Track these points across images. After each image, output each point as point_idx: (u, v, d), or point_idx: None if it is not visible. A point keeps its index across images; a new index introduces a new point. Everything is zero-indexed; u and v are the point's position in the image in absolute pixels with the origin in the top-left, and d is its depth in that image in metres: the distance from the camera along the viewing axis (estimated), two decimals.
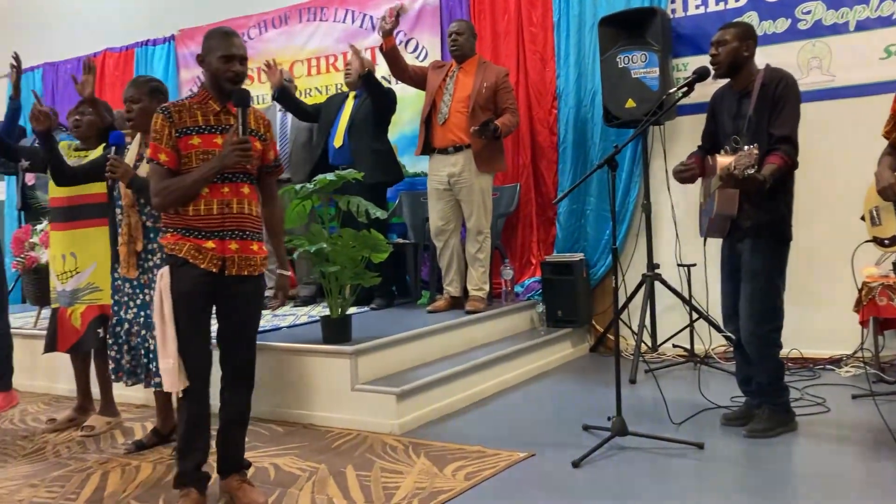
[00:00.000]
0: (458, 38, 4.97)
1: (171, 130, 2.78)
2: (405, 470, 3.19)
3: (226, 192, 2.80)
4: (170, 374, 2.78)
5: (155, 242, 3.44)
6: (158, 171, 2.80)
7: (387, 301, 5.36)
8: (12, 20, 8.90)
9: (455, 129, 4.88)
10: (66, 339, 3.95)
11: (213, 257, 2.78)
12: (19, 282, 7.46)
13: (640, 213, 5.22)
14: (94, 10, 8.17)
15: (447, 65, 5.12)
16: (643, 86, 4.93)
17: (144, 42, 7.63)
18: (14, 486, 3.24)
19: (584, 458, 3.18)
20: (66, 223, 3.99)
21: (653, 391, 4.10)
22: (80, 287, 3.94)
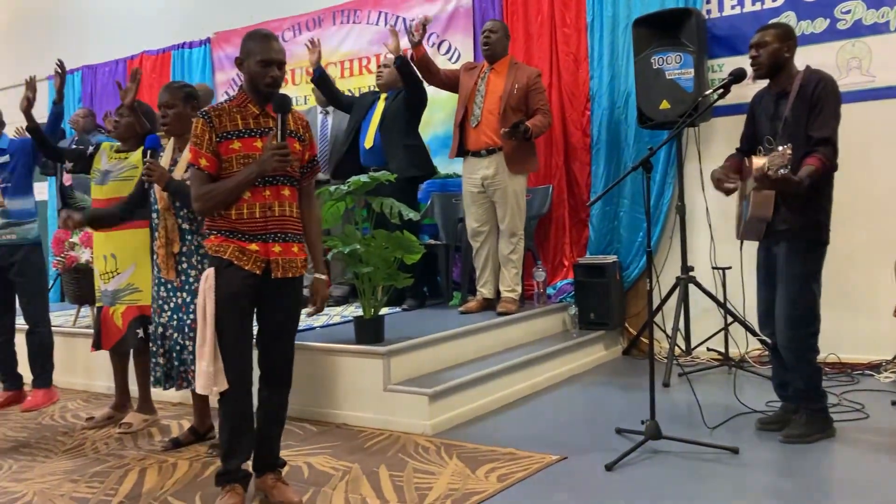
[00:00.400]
0: (491, 37, 4.97)
1: (211, 135, 2.80)
2: (438, 471, 3.20)
3: (267, 196, 2.81)
4: (205, 377, 2.79)
5: (192, 245, 3.49)
6: (199, 176, 2.81)
7: (418, 302, 5.38)
8: (52, 24, 9.09)
9: (487, 132, 4.88)
10: (109, 338, 4.03)
11: (256, 259, 2.80)
12: (59, 280, 7.63)
13: (674, 215, 5.18)
14: (132, 13, 8.31)
15: (479, 66, 5.12)
16: (678, 87, 4.89)
17: (181, 45, 7.74)
18: (55, 480, 3.31)
19: (618, 461, 3.17)
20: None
21: (687, 395, 4.07)
22: (121, 288, 4.01)
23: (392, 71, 5.37)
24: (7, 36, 9.61)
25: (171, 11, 8.01)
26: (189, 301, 3.50)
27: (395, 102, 5.28)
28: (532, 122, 4.82)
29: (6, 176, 4.66)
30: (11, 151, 4.69)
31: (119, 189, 4.01)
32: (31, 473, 3.43)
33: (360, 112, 5.45)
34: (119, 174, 4.04)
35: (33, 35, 9.29)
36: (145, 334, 3.99)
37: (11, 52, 9.51)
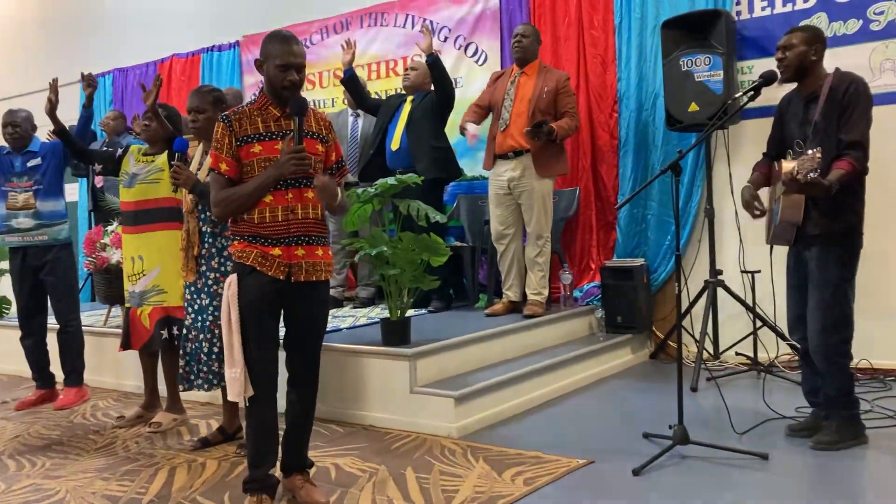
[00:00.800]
0: (523, 41, 4.96)
1: (231, 139, 2.78)
2: (464, 473, 3.20)
3: (290, 199, 2.78)
4: (236, 383, 2.78)
5: (212, 248, 3.52)
6: (219, 181, 2.79)
7: (444, 304, 5.39)
8: (83, 28, 9.23)
9: (515, 135, 4.88)
10: (138, 338, 4.09)
11: (279, 264, 2.77)
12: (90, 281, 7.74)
13: (702, 218, 5.15)
14: (162, 16, 8.41)
15: (507, 71, 5.12)
16: (707, 89, 4.86)
17: (210, 48, 7.82)
18: (87, 478, 3.36)
19: (645, 466, 3.15)
20: (134, 226, 4.12)
21: (715, 400, 4.03)
22: (147, 289, 4.07)
23: (419, 73, 5.38)
24: (39, 39, 9.77)
25: (201, 14, 8.10)
26: (208, 303, 3.53)
27: (421, 105, 5.29)
28: (558, 125, 4.81)
29: (38, 178, 4.74)
30: (43, 154, 4.77)
31: (146, 192, 4.06)
32: (64, 471, 3.48)
33: (387, 114, 5.47)
34: (146, 177, 4.09)
35: (65, 38, 9.43)
36: (170, 335, 4.05)
37: (43, 55, 9.66)
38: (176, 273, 4.05)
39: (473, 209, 5.78)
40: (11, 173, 4.74)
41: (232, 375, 2.79)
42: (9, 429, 4.30)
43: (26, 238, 4.73)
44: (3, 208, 4.74)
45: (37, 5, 9.82)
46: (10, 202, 4.73)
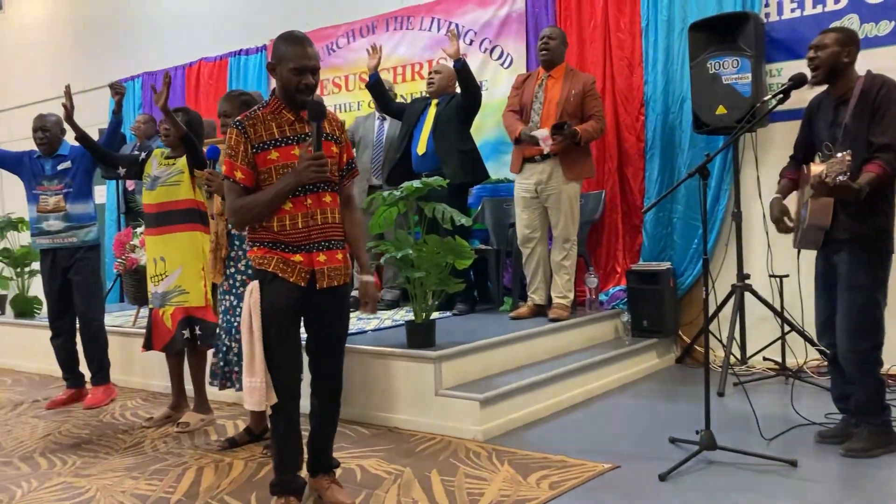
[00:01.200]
0: (550, 43, 4.96)
1: (247, 146, 2.72)
2: (489, 477, 3.20)
3: (309, 204, 2.74)
4: (256, 393, 2.74)
5: (240, 250, 3.55)
6: (234, 189, 2.73)
7: (469, 306, 5.39)
8: (113, 32, 9.36)
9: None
10: (160, 339, 4.14)
11: (301, 270, 2.74)
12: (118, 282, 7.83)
13: (729, 221, 5.11)
14: (190, 21, 8.51)
15: (534, 73, 5.11)
16: (735, 92, 4.82)
17: (238, 52, 7.89)
18: (117, 477, 3.40)
19: (672, 471, 3.13)
20: (156, 228, 4.19)
21: (742, 405, 3.99)
22: (169, 290, 4.12)
23: (444, 77, 5.40)
24: (71, 43, 9.92)
25: (229, 19, 8.18)
26: (236, 304, 3.57)
27: (447, 108, 5.30)
28: (582, 127, 4.81)
29: (67, 181, 4.81)
30: (73, 157, 4.84)
31: (167, 194, 4.12)
32: (94, 469, 3.53)
33: (412, 118, 5.49)
34: (167, 179, 4.15)
35: (96, 42, 9.57)
36: (192, 335, 4.09)
37: (74, 59, 9.81)
38: (197, 273, 4.11)
39: (498, 212, 5.78)
40: (42, 176, 4.82)
41: (252, 384, 2.74)
42: (40, 427, 4.37)
43: (56, 240, 4.80)
44: (35, 211, 4.82)
45: (68, 10, 9.97)
46: (40, 205, 4.81)
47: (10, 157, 4.92)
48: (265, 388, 2.75)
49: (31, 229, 4.91)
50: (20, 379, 5.89)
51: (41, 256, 4.92)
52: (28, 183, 4.86)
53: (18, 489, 3.30)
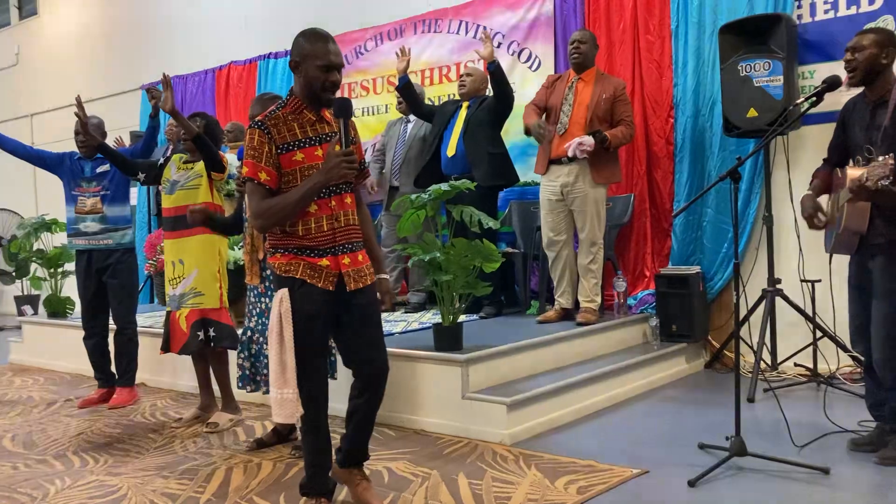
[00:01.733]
0: (581, 47, 4.94)
1: (270, 147, 2.66)
2: (516, 480, 3.19)
3: (333, 206, 2.71)
4: (289, 405, 2.66)
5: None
6: (258, 191, 2.65)
7: (496, 310, 5.38)
8: (144, 36, 9.48)
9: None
10: (177, 342, 4.19)
11: (328, 275, 2.70)
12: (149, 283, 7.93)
13: (760, 225, 5.05)
14: (220, 25, 8.60)
15: (564, 75, 5.09)
16: (766, 94, 4.77)
17: (266, 55, 7.95)
18: (148, 476, 3.44)
19: (701, 477, 3.10)
20: (174, 231, 4.24)
21: (773, 411, 3.94)
22: (186, 292, 4.17)
23: (475, 79, 5.40)
24: (103, 48, 10.07)
25: (258, 22, 8.25)
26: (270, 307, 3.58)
27: (478, 111, 5.31)
28: (612, 133, 4.78)
29: (105, 184, 4.88)
30: None
31: (186, 198, 4.16)
32: (125, 468, 3.57)
33: (442, 120, 5.50)
34: (186, 183, 4.20)
35: (127, 46, 9.71)
36: (206, 337, 4.13)
37: (107, 63, 9.96)
38: (212, 275, 4.15)
39: (525, 215, 5.77)
40: (81, 178, 4.89)
41: (284, 396, 2.65)
42: (73, 426, 4.43)
43: (92, 242, 4.88)
44: (72, 212, 4.90)
45: (101, 15, 10.13)
46: (78, 206, 4.88)
47: (52, 158, 5.01)
48: (297, 399, 2.69)
49: (67, 229, 4.99)
50: (53, 378, 5.98)
51: (76, 257, 4.99)
52: (67, 184, 4.95)
53: (52, 486, 3.35)
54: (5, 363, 6.79)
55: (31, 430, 4.37)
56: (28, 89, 11.17)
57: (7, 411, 4.87)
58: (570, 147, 4.73)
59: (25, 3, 11.28)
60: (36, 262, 7.25)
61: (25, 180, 10.55)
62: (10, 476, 3.52)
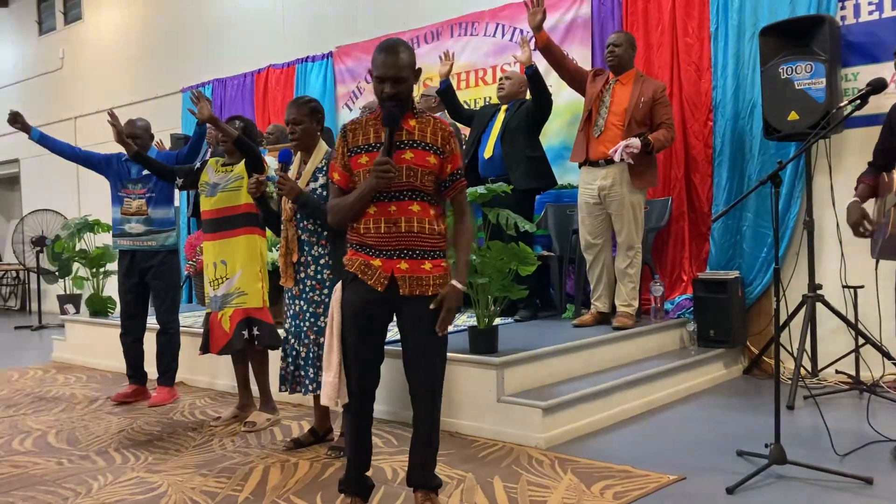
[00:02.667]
0: (616, 50, 4.92)
1: (344, 149, 2.80)
2: (552, 485, 3.18)
3: (392, 211, 2.71)
4: (329, 388, 2.77)
5: (309, 255, 3.60)
6: (333, 189, 2.85)
7: (531, 313, 5.37)
8: (184, 40, 9.63)
9: (609, 143, 4.82)
10: (217, 342, 4.23)
11: (380, 275, 2.72)
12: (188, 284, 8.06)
13: (801, 230, 4.98)
14: (259, 29, 8.71)
15: (605, 74, 5.07)
16: (808, 97, 4.70)
17: (304, 59, 8.03)
18: (187, 474, 3.50)
19: (740, 484, 3.06)
20: (215, 233, 4.27)
21: (813, 419, 3.89)
22: (230, 292, 4.21)
23: (514, 83, 5.41)
24: (144, 51, 10.25)
25: (296, 26, 8.34)
26: (305, 309, 3.62)
27: (516, 114, 5.31)
28: (655, 136, 4.75)
29: (151, 186, 4.97)
30: None
31: (227, 199, 4.21)
32: (165, 466, 3.63)
33: (481, 123, 5.51)
34: (227, 185, 4.24)
35: (168, 50, 9.88)
36: (250, 335, 4.17)
37: (148, 66, 10.14)
38: (255, 275, 4.19)
39: (561, 218, 5.75)
40: (127, 179, 4.99)
41: (328, 379, 2.80)
42: (114, 423, 4.52)
43: (136, 242, 4.97)
44: (118, 213, 5.00)
45: (144, 19, 10.31)
46: (124, 207, 4.98)
47: (99, 159, 5.11)
48: (338, 385, 2.79)
49: (112, 230, 5.09)
50: (94, 376, 6.10)
51: (119, 257, 5.09)
52: (114, 185, 5.05)
53: (95, 482, 3.42)
54: (49, 361, 6.95)
55: (74, 426, 4.47)
56: (72, 92, 11.43)
57: (51, 408, 4.98)
58: (617, 151, 4.69)
59: (70, 9, 11.54)
60: (79, 261, 7.40)
61: (69, 182, 10.78)
62: (56, 471, 3.60)
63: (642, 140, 4.67)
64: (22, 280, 12.50)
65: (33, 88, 12.19)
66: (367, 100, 7.32)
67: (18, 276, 12.65)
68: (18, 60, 12.54)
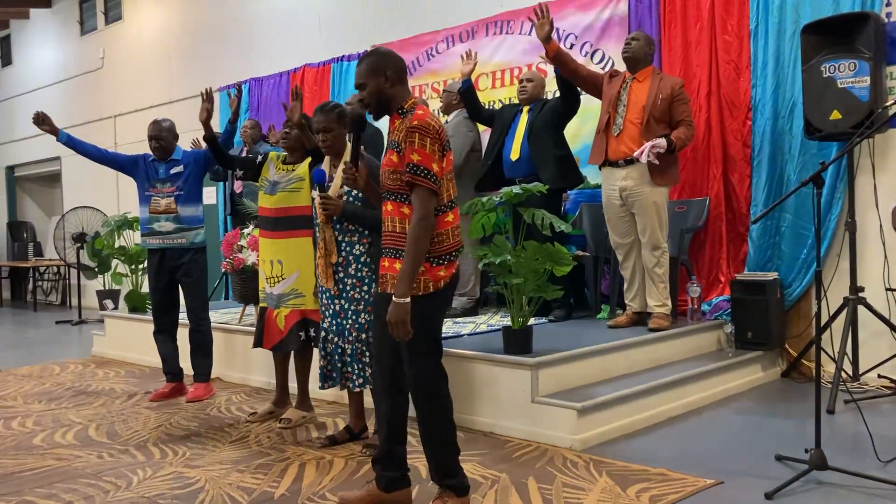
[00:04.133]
0: (632, 43, 4.87)
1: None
2: (587, 487, 3.17)
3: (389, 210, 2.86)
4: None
5: (349, 255, 3.62)
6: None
7: (565, 313, 5.34)
8: (221, 39, 9.74)
9: (628, 142, 4.77)
10: (270, 338, 4.26)
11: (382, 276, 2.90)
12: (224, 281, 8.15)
13: (842, 231, 4.89)
14: (295, 28, 8.77)
15: (622, 74, 5.02)
16: (851, 96, 4.61)
17: (339, 58, 8.07)
18: (224, 469, 3.54)
19: (779, 490, 3.02)
20: (273, 232, 4.27)
21: (854, 424, 3.82)
22: (286, 292, 4.21)
23: (536, 85, 5.44)
24: (180, 51, 10.38)
25: (331, 26, 8.39)
26: (346, 307, 3.64)
27: (541, 114, 5.28)
28: (676, 135, 4.71)
29: (179, 185, 5.03)
30: (185, 162, 5.06)
31: (287, 199, 4.21)
32: (202, 461, 3.68)
33: (503, 125, 5.48)
34: (287, 186, 4.24)
35: (205, 49, 9.99)
36: (307, 337, 4.19)
37: (185, 65, 10.27)
38: (312, 277, 4.19)
39: (596, 218, 5.69)
40: (155, 179, 5.05)
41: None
42: (152, 418, 4.59)
43: (166, 241, 5.03)
44: (146, 212, 5.06)
45: (181, 19, 10.45)
46: (152, 206, 5.04)
47: (126, 160, 5.18)
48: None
49: (141, 229, 5.15)
50: (132, 371, 6.21)
51: (149, 255, 5.15)
52: (141, 185, 5.11)
53: (135, 476, 3.47)
54: (88, 355, 7.08)
55: (114, 420, 4.54)
56: (112, 91, 11.62)
57: (91, 402, 5.07)
58: (643, 152, 4.65)
59: (111, 9, 11.73)
60: (117, 258, 7.52)
61: (108, 180, 10.96)
62: (96, 464, 3.67)
63: (667, 141, 4.63)
64: (62, 276, 12.75)
65: (74, 88, 12.43)
66: None
67: (59, 272, 12.90)
68: (60, 60, 12.79)
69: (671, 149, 4.68)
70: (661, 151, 4.64)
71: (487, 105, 6.72)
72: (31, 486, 3.38)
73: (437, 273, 2.77)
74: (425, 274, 2.75)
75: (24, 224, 14.19)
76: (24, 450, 3.95)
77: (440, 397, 2.85)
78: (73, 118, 11.89)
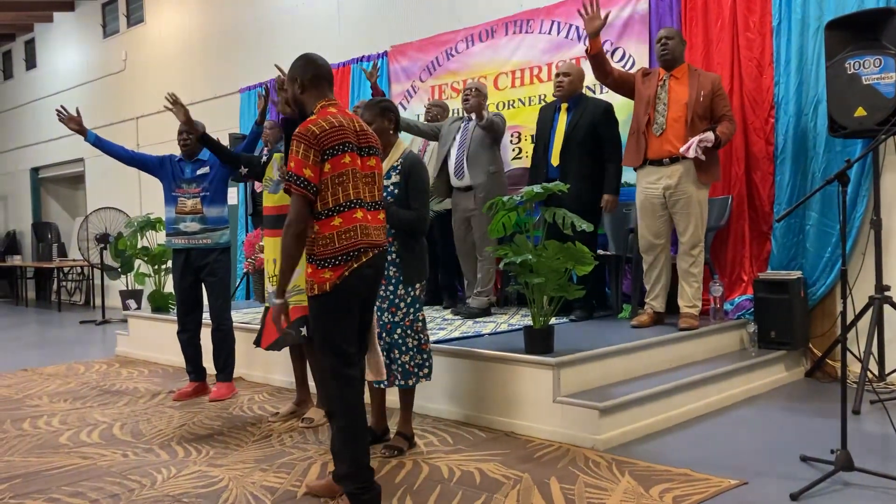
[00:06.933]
0: (669, 43, 4.84)
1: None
2: (609, 487, 3.15)
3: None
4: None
5: None
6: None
7: (586, 313, 5.32)
8: (242, 41, 9.80)
9: (672, 140, 4.75)
10: (269, 337, 4.29)
11: None
12: (245, 281, 8.19)
13: (867, 230, 4.83)
14: (316, 28, 8.80)
15: (655, 72, 4.99)
16: (876, 93, 4.55)
17: (360, 58, 8.08)
18: (247, 468, 3.56)
19: (805, 491, 2.99)
20: (275, 230, 4.28)
21: (881, 425, 3.77)
22: (288, 290, 4.23)
23: (573, 79, 5.33)
24: (202, 53, 10.46)
25: (351, 26, 8.41)
26: None
27: (580, 119, 5.23)
28: (720, 130, 4.68)
29: (205, 185, 5.07)
30: (211, 164, 5.09)
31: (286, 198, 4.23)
32: (225, 460, 3.70)
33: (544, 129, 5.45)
34: None
35: (225, 51, 10.06)
36: (309, 333, 4.21)
37: (206, 67, 10.35)
38: None
39: (618, 217, 5.68)
40: (182, 179, 5.09)
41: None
42: (176, 417, 4.63)
43: (191, 241, 5.07)
44: (172, 212, 5.10)
45: (202, 21, 10.53)
46: (178, 207, 5.08)
47: (152, 161, 5.22)
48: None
49: (167, 229, 5.19)
50: (156, 370, 6.26)
51: (174, 255, 5.19)
52: (167, 185, 5.15)
53: (159, 475, 3.51)
54: (112, 355, 7.15)
55: (138, 419, 4.59)
56: (134, 93, 11.73)
57: (115, 401, 5.12)
58: (690, 147, 4.61)
59: (133, 12, 11.85)
60: (141, 258, 7.59)
61: (131, 181, 11.08)
62: (121, 463, 3.71)
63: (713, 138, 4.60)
64: (86, 276, 12.90)
65: (97, 90, 12.57)
66: (422, 99, 7.34)
67: (83, 272, 13.05)
68: (83, 63, 12.94)
69: (717, 143, 4.65)
70: (708, 146, 4.61)
71: (506, 105, 6.72)
72: (57, 483, 3.42)
73: (321, 275, 2.87)
74: (311, 276, 2.88)
75: (49, 225, 14.37)
76: (51, 448, 4.00)
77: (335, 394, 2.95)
78: (95, 120, 12.01)
